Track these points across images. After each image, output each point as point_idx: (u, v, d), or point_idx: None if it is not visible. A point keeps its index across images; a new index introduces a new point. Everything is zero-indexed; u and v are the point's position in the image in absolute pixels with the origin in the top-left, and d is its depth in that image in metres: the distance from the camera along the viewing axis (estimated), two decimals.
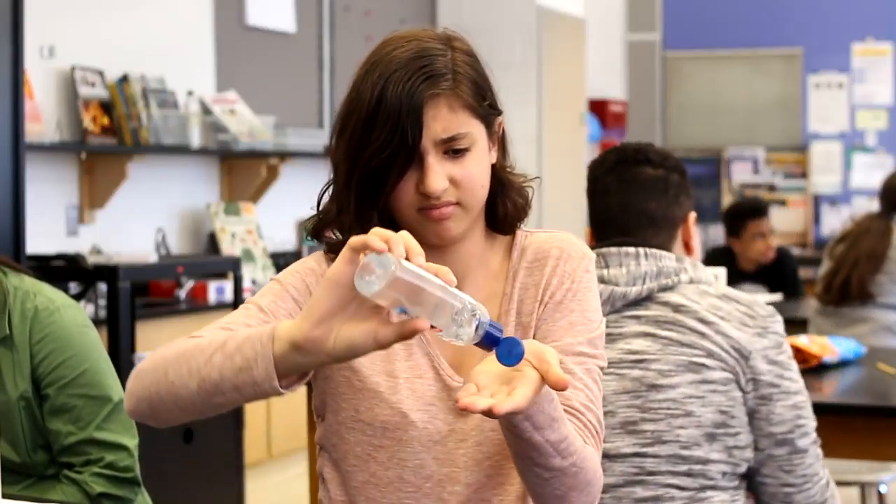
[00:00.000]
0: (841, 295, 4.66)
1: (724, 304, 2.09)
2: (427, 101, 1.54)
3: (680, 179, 2.23)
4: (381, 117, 1.54)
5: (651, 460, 2.02)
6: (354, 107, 1.58)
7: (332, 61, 6.82)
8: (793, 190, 9.66)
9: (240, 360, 1.41)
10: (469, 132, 1.57)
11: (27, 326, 2.17)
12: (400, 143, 1.53)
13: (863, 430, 2.81)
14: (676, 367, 2.04)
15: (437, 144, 1.55)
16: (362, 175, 1.56)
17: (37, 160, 4.93)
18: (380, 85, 1.55)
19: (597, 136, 9.01)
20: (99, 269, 4.28)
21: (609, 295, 2.09)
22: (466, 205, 1.59)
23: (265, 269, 6.05)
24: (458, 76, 1.57)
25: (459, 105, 1.56)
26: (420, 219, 1.58)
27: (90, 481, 2.15)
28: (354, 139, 1.57)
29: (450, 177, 1.56)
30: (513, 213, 1.67)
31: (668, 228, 2.20)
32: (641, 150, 2.23)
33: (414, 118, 1.53)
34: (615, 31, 9.81)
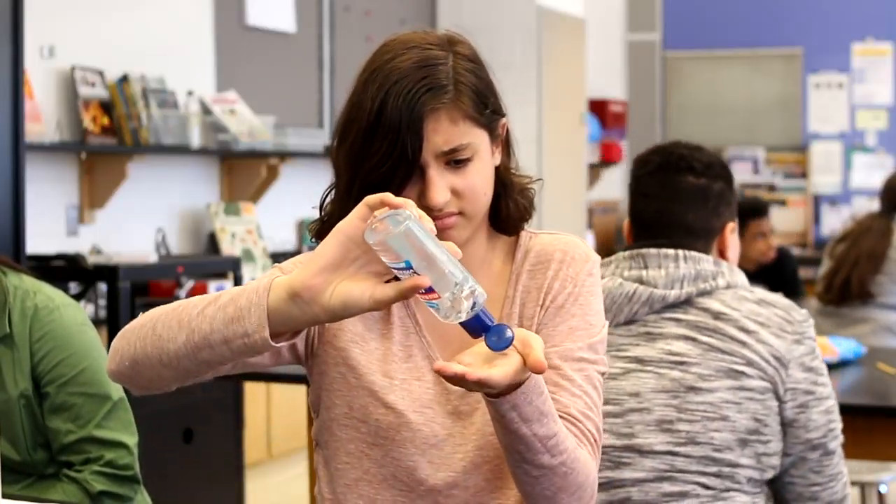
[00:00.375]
0: (841, 295, 4.67)
1: (762, 309, 2.10)
2: (428, 115, 1.52)
3: (722, 188, 2.21)
4: (381, 130, 1.52)
5: (682, 459, 2.04)
6: (355, 115, 1.56)
7: (332, 61, 6.82)
8: (793, 190, 9.66)
9: (232, 310, 1.40)
10: (471, 142, 1.56)
11: (27, 325, 2.17)
12: (400, 157, 1.52)
13: (863, 430, 2.81)
14: (716, 371, 2.05)
15: (439, 157, 1.54)
16: (363, 186, 1.54)
17: (37, 160, 4.93)
18: (380, 97, 1.53)
19: (597, 136, 9.01)
20: (99, 269, 4.28)
21: (648, 297, 2.10)
22: (469, 214, 1.58)
23: (265, 269, 6.05)
24: (460, 86, 1.55)
25: (460, 116, 1.55)
26: None
27: (90, 479, 2.15)
28: (355, 149, 1.55)
29: (452, 188, 1.55)
30: (515, 215, 1.66)
31: (704, 238, 2.20)
32: (685, 157, 2.20)
33: (414, 132, 1.51)
34: (615, 31, 9.81)
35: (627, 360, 2.09)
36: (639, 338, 2.10)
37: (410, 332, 1.63)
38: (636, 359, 2.09)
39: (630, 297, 2.10)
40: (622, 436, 2.05)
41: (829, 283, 4.73)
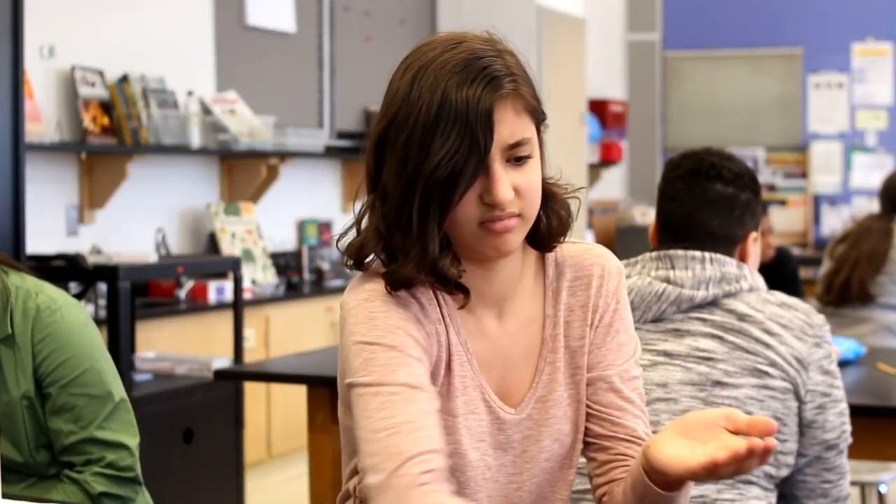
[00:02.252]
0: (841, 295, 4.66)
1: (785, 312, 2.16)
2: (496, 103, 1.44)
3: (749, 199, 2.26)
4: (445, 122, 1.42)
5: None
6: (406, 114, 1.45)
7: (332, 61, 6.82)
8: (793, 190, 9.66)
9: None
10: (531, 138, 1.49)
11: (29, 325, 2.16)
12: (470, 149, 1.42)
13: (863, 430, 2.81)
14: (742, 369, 2.10)
15: (504, 150, 1.46)
16: (425, 188, 1.43)
17: (37, 160, 4.93)
18: (440, 89, 1.43)
19: (597, 136, 9.01)
20: (99, 269, 4.28)
21: (677, 297, 2.15)
22: (526, 216, 1.50)
23: (265, 268, 6.05)
24: (517, 77, 1.48)
25: (522, 107, 1.48)
26: (480, 233, 1.48)
27: (91, 481, 2.15)
28: (412, 149, 1.44)
29: (513, 186, 1.47)
30: (557, 229, 1.58)
31: (726, 245, 2.24)
32: (716, 165, 2.26)
33: (485, 121, 1.42)
34: (615, 31, 9.81)
35: (655, 354, 2.14)
36: (667, 334, 2.15)
37: (464, 362, 1.56)
38: (664, 352, 2.13)
39: (659, 296, 2.15)
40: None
41: (829, 284, 4.73)
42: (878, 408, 2.89)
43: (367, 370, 1.45)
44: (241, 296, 4.90)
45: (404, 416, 1.41)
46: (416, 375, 1.45)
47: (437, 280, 1.49)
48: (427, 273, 1.48)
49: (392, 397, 1.42)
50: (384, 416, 1.41)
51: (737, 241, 2.26)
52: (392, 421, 1.40)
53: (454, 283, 1.50)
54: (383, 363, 1.45)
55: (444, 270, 1.48)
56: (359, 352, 1.47)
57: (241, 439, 4.70)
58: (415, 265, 1.47)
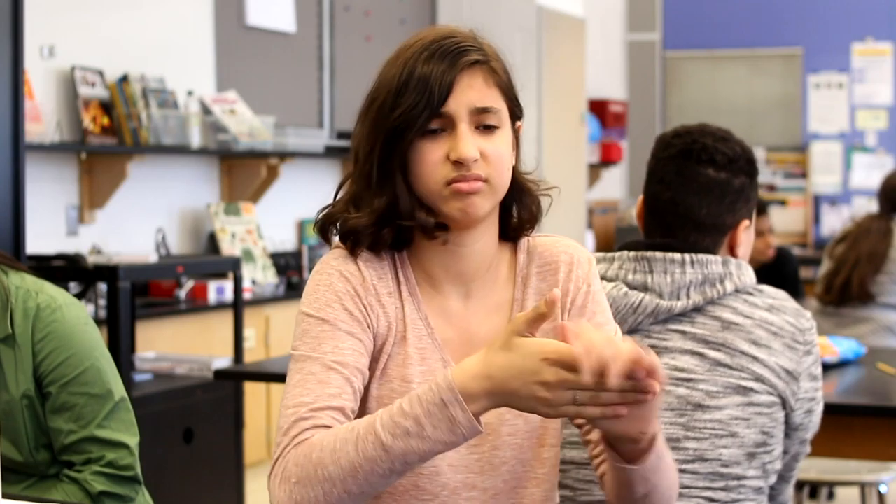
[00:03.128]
0: (841, 295, 4.67)
1: (774, 317, 2.04)
2: (465, 70, 1.54)
3: (743, 184, 2.11)
4: (411, 85, 1.54)
5: (689, 476, 1.99)
6: (380, 87, 1.58)
7: (332, 61, 6.82)
8: (793, 190, 9.66)
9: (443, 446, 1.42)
10: (501, 110, 1.57)
11: (29, 325, 2.16)
12: (427, 102, 1.53)
13: (863, 430, 2.81)
14: (724, 388, 2.00)
15: (471, 113, 1.55)
16: (385, 139, 1.55)
17: (37, 160, 4.93)
18: (411, 61, 1.55)
19: (597, 136, 9.01)
20: (99, 269, 4.27)
21: (654, 309, 2.03)
22: (493, 182, 1.57)
23: (265, 269, 6.05)
24: (490, 57, 1.58)
25: (494, 82, 1.57)
26: (448, 194, 1.55)
27: (91, 480, 2.15)
28: (381, 111, 1.56)
29: (480, 150, 1.55)
30: (526, 220, 1.67)
31: (714, 234, 2.12)
32: (708, 149, 2.10)
33: (444, 83, 1.53)
34: (615, 31, 9.81)
35: None
36: None
37: (423, 335, 1.62)
38: None
39: (635, 308, 2.03)
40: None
41: (829, 284, 4.73)
42: (878, 408, 2.89)
43: (301, 341, 1.57)
44: (241, 296, 4.90)
45: (311, 396, 1.51)
46: (341, 350, 1.54)
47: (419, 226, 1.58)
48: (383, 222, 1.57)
49: (308, 377, 1.53)
50: (296, 395, 1.52)
51: (726, 230, 2.12)
52: (300, 400, 1.51)
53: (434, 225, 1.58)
54: (314, 336, 1.56)
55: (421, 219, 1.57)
56: (299, 322, 1.59)
57: (241, 439, 4.70)
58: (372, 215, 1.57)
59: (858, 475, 3.71)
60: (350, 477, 1.42)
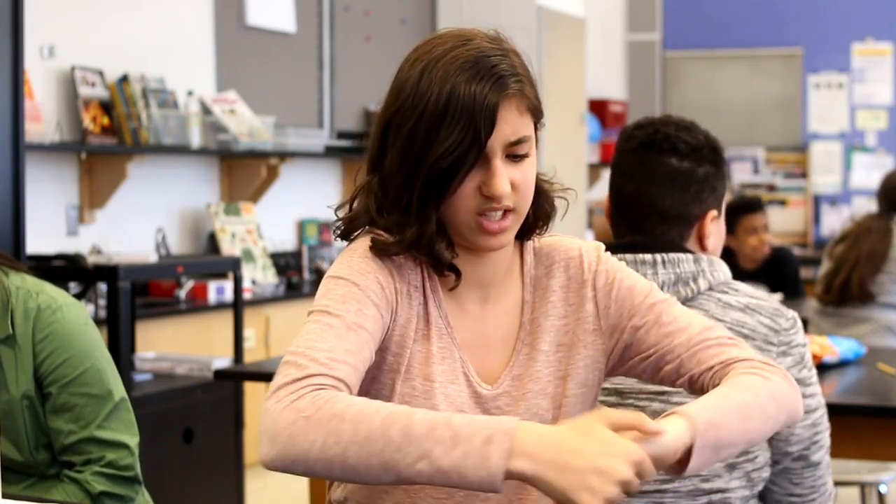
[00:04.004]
0: (841, 295, 4.66)
1: (748, 317, 1.98)
2: (501, 102, 1.52)
3: (708, 173, 2.06)
4: (451, 116, 1.50)
5: (671, 495, 1.95)
6: (413, 104, 1.53)
7: (332, 61, 6.82)
8: (793, 190, 9.66)
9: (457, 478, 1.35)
10: (531, 136, 1.57)
11: (30, 325, 2.17)
12: (472, 142, 1.50)
13: (863, 430, 2.81)
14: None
15: (505, 147, 1.53)
16: (427, 176, 1.52)
17: (37, 160, 4.93)
18: (449, 84, 1.51)
19: (597, 136, 9.01)
20: (99, 269, 4.28)
21: None
22: (520, 211, 1.58)
23: (265, 268, 6.05)
24: (523, 78, 1.57)
25: (525, 107, 1.56)
26: (475, 227, 1.55)
27: (91, 480, 2.15)
28: (418, 138, 1.52)
29: (511, 181, 1.54)
30: (540, 221, 1.67)
31: (680, 225, 2.07)
32: (670, 138, 2.05)
33: (488, 117, 1.50)
34: (615, 31, 9.81)
35: (607, 393, 1.97)
36: None
37: (443, 334, 1.62)
38: (615, 391, 1.97)
39: None
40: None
41: (829, 284, 4.73)
42: (878, 408, 2.89)
43: (325, 297, 1.52)
44: (241, 296, 4.90)
45: (329, 344, 1.45)
46: (365, 315, 1.50)
47: (431, 261, 1.58)
48: (422, 253, 1.57)
49: (327, 327, 1.47)
50: (314, 339, 1.46)
51: (693, 220, 2.06)
52: (317, 345, 1.45)
53: (447, 265, 1.59)
54: (341, 294, 1.51)
55: (439, 253, 1.57)
56: (325, 284, 1.54)
57: (241, 439, 4.70)
58: (409, 244, 1.56)
59: (858, 475, 3.71)
60: (357, 445, 1.35)
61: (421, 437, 1.35)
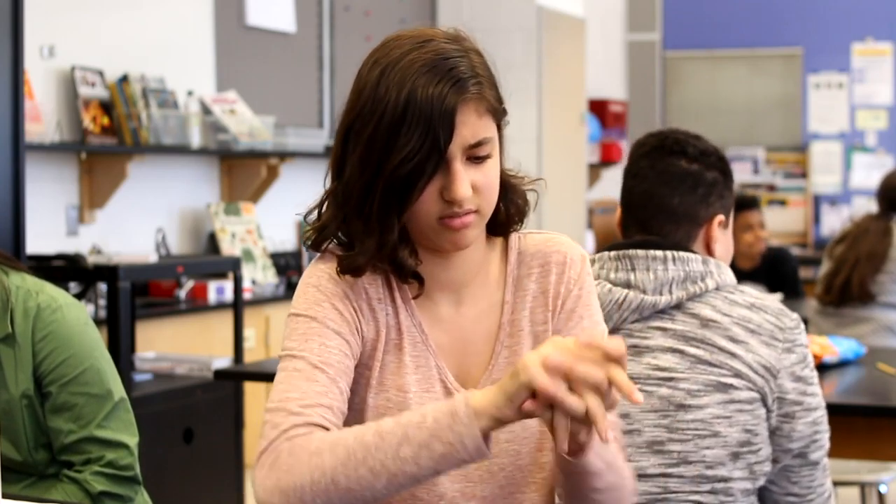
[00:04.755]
0: (841, 295, 4.66)
1: (753, 314, 2.03)
2: (459, 106, 1.50)
3: (716, 179, 2.13)
4: (409, 121, 1.48)
5: (675, 480, 1.99)
6: (372, 110, 1.51)
7: (332, 61, 6.82)
8: (793, 190, 9.66)
9: (440, 446, 1.39)
10: (492, 137, 1.55)
11: (29, 324, 2.17)
12: (431, 149, 1.48)
13: (863, 430, 2.81)
14: (705, 386, 1.99)
15: (465, 150, 1.52)
16: (387, 184, 1.51)
17: (37, 160, 4.93)
18: (406, 89, 1.49)
19: (597, 136, 9.01)
20: (99, 269, 4.28)
21: (639, 304, 2.03)
22: (483, 212, 1.56)
23: (265, 269, 6.05)
24: (482, 79, 1.54)
25: (485, 109, 1.53)
26: (438, 228, 1.54)
27: (90, 480, 2.15)
28: (377, 144, 1.50)
29: (472, 183, 1.53)
30: (514, 216, 1.64)
31: (688, 225, 2.12)
32: (680, 142, 2.14)
33: (447, 123, 1.49)
34: (615, 31, 9.81)
35: None
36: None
37: (417, 342, 1.61)
38: None
39: (620, 304, 2.04)
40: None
41: (829, 284, 4.73)
42: (878, 408, 2.90)
43: (289, 339, 1.56)
44: (241, 296, 4.90)
45: (298, 392, 1.50)
46: (328, 348, 1.54)
47: (394, 269, 1.58)
48: (384, 261, 1.56)
49: (294, 373, 1.52)
50: (283, 390, 1.51)
51: (699, 222, 2.13)
52: (287, 395, 1.50)
53: (411, 273, 1.58)
54: (302, 332, 1.55)
55: (402, 261, 1.56)
56: (288, 323, 1.58)
57: (241, 439, 4.71)
58: (372, 253, 1.55)
59: (858, 475, 3.71)
60: (341, 464, 1.41)
61: (393, 428, 1.41)
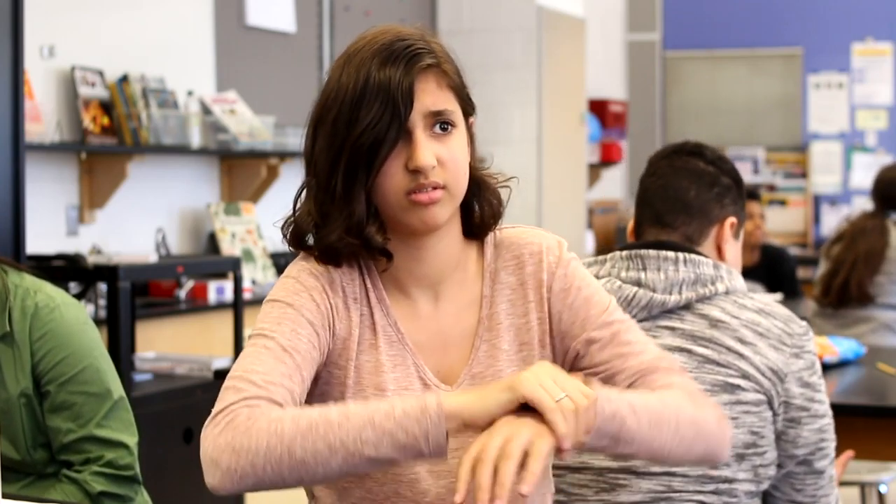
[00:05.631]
0: (840, 297, 4.65)
1: (762, 319, 2.04)
2: (417, 74, 1.53)
3: (730, 184, 2.20)
4: (369, 95, 1.52)
5: (679, 479, 1.98)
6: (335, 94, 1.55)
7: (331, 61, 6.81)
8: (793, 190, 9.66)
9: (404, 436, 1.39)
10: (454, 111, 1.57)
11: (27, 323, 2.17)
12: (392, 117, 1.51)
13: (863, 430, 2.81)
14: (712, 386, 1.99)
15: (426, 118, 1.54)
16: (351, 154, 1.53)
17: (37, 160, 4.93)
18: (365, 67, 1.53)
19: (597, 136, 9.01)
20: (99, 269, 4.28)
21: (648, 302, 2.04)
22: (452, 188, 1.56)
23: (265, 269, 6.05)
24: (441, 58, 1.57)
25: (446, 83, 1.56)
26: (407, 205, 1.55)
27: (90, 480, 2.15)
28: (340, 123, 1.54)
29: (436, 156, 1.54)
30: (489, 216, 1.65)
31: (700, 219, 2.16)
32: (700, 146, 2.23)
33: (405, 91, 1.51)
34: (615, 31, 9.81)
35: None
36: None
37: (394, 341, 1.61)
38: None
39: (629, 301, 2.04)
40: (618, 457, 1.98)
41: (827, 286, 4.71)
42: (878, 408, 2.90)
43: (262, 321, 1.56)
44: (241, 296, 4.90)
45: (263, 368, 1.49)
46: (299, 335, 1.54)
47: (363, 244, 1.57)
48: (353, 236, 1.56)
49: (263, 349, 1.52)
50: (250, 363, 1.50)
51: (713, 220, 2.17)
52: (254, 368, 1.49)
53: (379, 249, 1.58)
54: (276, 316, 1.56)
55: (369, 235, 1.56)
56: (263, 308, 1.59)
57: None
58: (340, 229, 1.56)
59: (858, 475, 3.71)
60: (300, 435, 1.40)
61: (360, 411, 1.41)
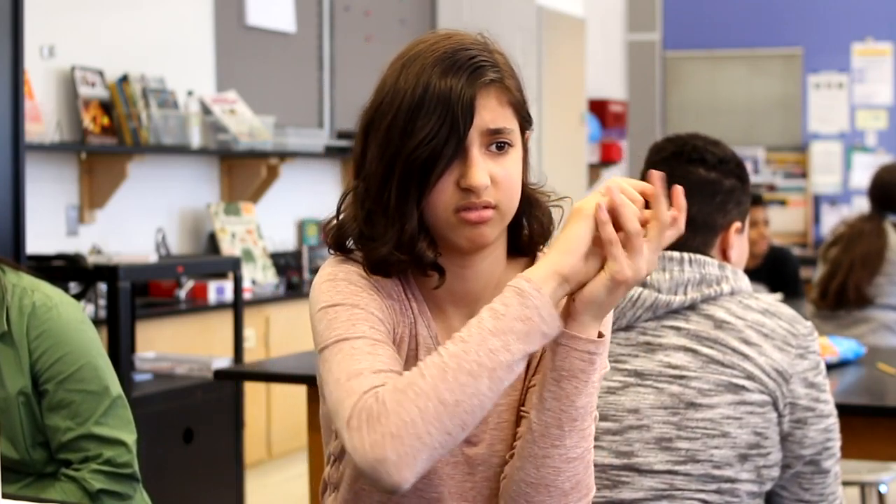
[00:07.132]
0: (837, 300, 4.63)
1: (767, 319, 2.03)
2: (479, 89, 1.47)
3: (734, 185, 2.14)
4: (427, 105, 1.45)
5: (682, 478, 1.99)
6: (391, 99, 1.49)
7: (332, 61, 6.82)
8: (793, 190, 9.66)
9: (521, 325, 1.37)
10: (513, 130, 1.51)
11: (25, 322, 2.17)
12: (450, 132, 1.45)
13: (863, 430, 2.81)
14: (716, 386, 1.99)
15: (483, 135, 1.48)
16: (405, 168, 1.46)
17: (37, 160, 4.93)
18: (426, 74, 1.46)
19: (597, 136, 9.01)
20: (99, 269, 4.28)
21: (653, 302, 2.03)
22: (502, 209, 1.50)
23: (265, 269, 6.05)
24: (504, 73, 1.51)
25: (507, 100, 1.50)
26: (455, 222, 1.48)
27: (89, 478, 2.15)
28: (395, 132, 1.47)
29: (490, 175, 1.48)
30: (538, 235, 1.60)
31: (705, 233, 2.13)
32: (699, 149, 2.14)
33: (466, 106, 1.45)
34: (615, 31, 9.81)
35: (626, 374, 2.02)
36: (638, 348, 2.04)
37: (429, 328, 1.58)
38: (635, 372, 2.02)
39: (634, 302, 2.03)
40: (621, 454, 2.00)
41: (825, 289, 4.69)
42: (878, 408, 2.89)
43: (332, 329, 1.46)
44: (241, 296, 4.90)
45: (367, 362, 1.42)
46: (378, 331, 1.47)
47: (413, 260, 1.51)
48: (403, 252, 1.50)
49: (354, 349, 1.43)
50: (348, 365, 1.42)
51: (716, 230, 2.13)
52: (355, 367, 1.41)
53: (430, 263, 1.52)
54: (346, 319, 1.46)
55: (420, 252, 1.50)
56: (322, 317, 1.49)
57: (241, 439, 4.71)
58: (392, 244, 1.49)
59: (858, 475, 3.71)
60: (441, 381, 1.34)
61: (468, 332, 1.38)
